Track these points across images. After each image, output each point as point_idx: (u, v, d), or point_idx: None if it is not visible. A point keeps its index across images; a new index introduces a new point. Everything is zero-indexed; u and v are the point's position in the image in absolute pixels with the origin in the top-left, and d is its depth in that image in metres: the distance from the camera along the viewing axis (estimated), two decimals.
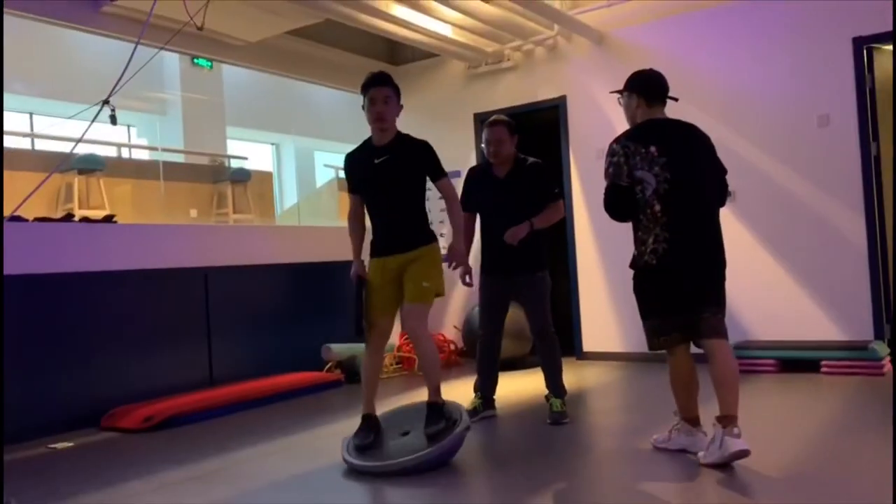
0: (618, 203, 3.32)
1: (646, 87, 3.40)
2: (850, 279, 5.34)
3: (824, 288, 5.45)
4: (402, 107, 3.57)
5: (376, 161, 3.48)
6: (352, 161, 3.64)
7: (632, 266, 3.35)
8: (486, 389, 4.35)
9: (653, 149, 3.24)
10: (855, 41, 5.32)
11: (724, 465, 3.01)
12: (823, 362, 5.17)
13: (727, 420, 3.03)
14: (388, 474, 3.27)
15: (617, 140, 3.36)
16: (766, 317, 5.64)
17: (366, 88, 3.48)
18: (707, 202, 3.31)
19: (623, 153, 3.28)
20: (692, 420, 3.30)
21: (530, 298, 4.24)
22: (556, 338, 4.29)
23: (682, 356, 3.27)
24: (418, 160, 3.54)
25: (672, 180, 3.20)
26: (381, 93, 3.45)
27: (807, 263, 5.52)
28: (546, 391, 4.28)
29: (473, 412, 4.17)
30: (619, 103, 3.52)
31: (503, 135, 4.27)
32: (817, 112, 5.47)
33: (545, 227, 4.21)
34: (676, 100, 3.40)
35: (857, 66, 5.33)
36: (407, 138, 3.57)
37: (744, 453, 2.97)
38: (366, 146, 3.59)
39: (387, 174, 3.48)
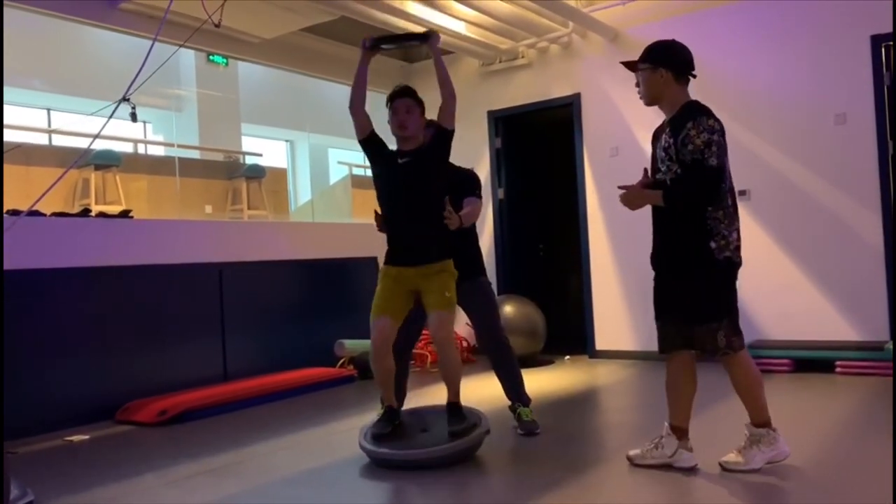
0: (717, 190, 2.89)
1: (675, 61, 3.01)
2: (866, 279, 5.30)
3: (840, 288, 5.41)
4: (425, 120, 3.58)
5: (400, 161, 3.47)
6: (381, 147, 3.55)
7: (697, 261, 2.96)
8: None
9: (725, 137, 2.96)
10: (873, 39, 5.27)
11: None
12: (838, 362, 5.13)
13: (686, 433, 3.13)
14: (404, 465, 3.29)
15: (709, 115, 2.93)
16: (781, 316, 5.61)
17: (389, 100, 3.52)
18: None
19: (723, 132, 2.90)
20: (767, 422, 3.01)
21: (478, 304, 3.96)
22: (510, 345, 4.02)
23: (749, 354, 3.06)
24: (443, 156, 3.52)
25: (731, 176, 3.01)
26: (403, 103, 3.49)
27: (822, 263, 5.49)
28: (509, 402, 4.01)
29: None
30: (637, 79, 3.11)
31: None
32: (834, 110, 5.43)
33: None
34: (695, 76, 3.08)
35: (874, 63, 5.28)
36: (429, 145, 3.52)
37: (694, 469, 3.04)
38: (393, 150, 3.57)
39: (409, 175, 3.45)
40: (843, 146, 5.40)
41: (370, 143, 3.53)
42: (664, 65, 3.00)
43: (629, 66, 3.15)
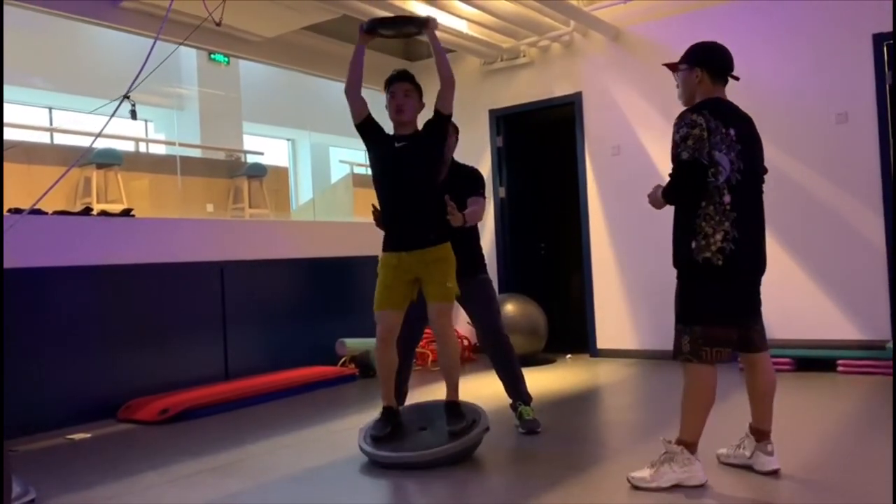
0: (693, 184, 2.84)
1: (711, 61, 3.01)
2: (868, 278, 5.30)
3: (842, 287, 5.41)
4: (423, 105, 3.58)
5: (397, 145, 3.47)
6: (378, 130, 3.54)
7: (682, 261, 2.92)
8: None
9: (732, 131, 2.89)
10: (875, 38, 5.27)
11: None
12: (840, 361, 5.13)
13: (763, 435, 3.00)
14: (405, 466, 3.29)
15: (695, 110, 2.90)
16: (783, 315, 5.59)
17: (388, 84, 3.53)
18: (763, 202, 3.05)
19: (706, 126, 2.83)
20: (694, 446, 2.89)
21: (479, 301, 3.96)
22: (510, 343, 4.00)
23: (714, 373, 2.87)
24: (440, 140, 3.52)
25: (744, 171, 2.88)
26: (401, 87, 3.49)
27: (824, 262, 5.48)
28: (510, 401, 4.00)
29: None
30: (675, 79, 3.11)
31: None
32: (835, 109, 5.42)
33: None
34: (738, 79, 3.14)
35: (876, 62, 5.27)
36: (425, 130, 3.54)
37: (775, 472, 2.94)
38: (389, 134, 3.57)
39: (406, 159, 3.45)
40: (844, 145, 5.40)
41: (366, 127, 3.52)
42: (700, 64, 3.02)
43: (671, 67, 3.17)
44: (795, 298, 5.55)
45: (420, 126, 3.55)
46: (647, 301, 6.23)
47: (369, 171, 3.68)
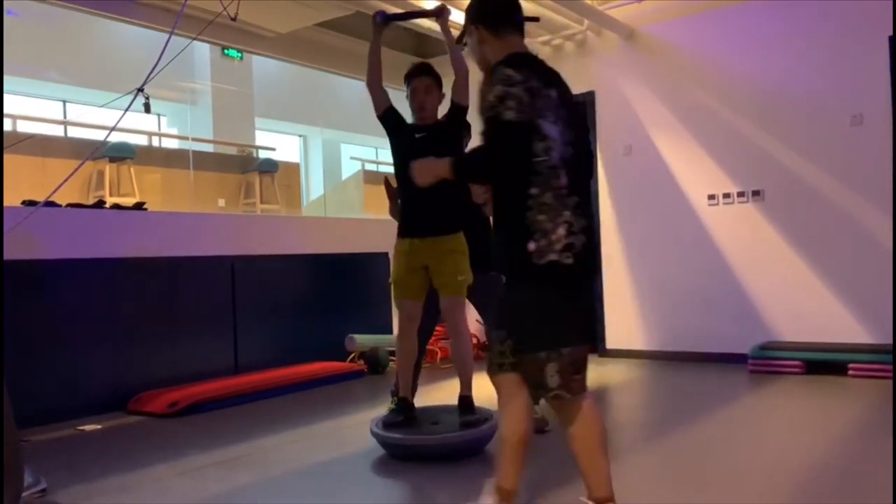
0: (512, 156, 2.10)
1: (484, 13, 2.43)
2: (880, 281, 5.25)
3: (853, 290, 5.38)
4: (444, 95, 3.62)
5: (417, 135, 3.52)
6: (399, 122, 3.60)
7: (517, 268, 2.17)
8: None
9: (554, 93, 2.22)
10: (891, 40, 5.23)
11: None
12: (850, 365, 5.09)
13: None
14: (414, 451, 3.32)
15: (515, 64, 2.20)
16: (793, 317, 5.58)
17: (408, 78, 3.57)
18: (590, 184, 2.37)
19: (527, 88, 2.13)
20: (610, 498, 2.29)
21: (488, 296, 4.03)
22: None
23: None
24: (459, 131, 3.57)
25: (574, 143, 2.19)
26: (422, 83, 3.53)
27: (835, 264, 5.45)
28: None
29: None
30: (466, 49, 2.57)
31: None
32: (850, 111, 5.38)
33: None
34: (538, 19, 2.65)
35: (892, 65, 5.23)
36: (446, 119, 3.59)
37: None
38: (410, 124, 3.63)
39: (426, 149, 3.45)
40: (858, 147, 5.36)
41: (388, 118, 3.57)
42: (475, 21, 2.44)
43: (460, 39, 2.71)
44: (806, 301, 5.52)
45: (440, 114, 3.60)
46: (657, 301, 6.22)
47: (380, 168, 3.70)
